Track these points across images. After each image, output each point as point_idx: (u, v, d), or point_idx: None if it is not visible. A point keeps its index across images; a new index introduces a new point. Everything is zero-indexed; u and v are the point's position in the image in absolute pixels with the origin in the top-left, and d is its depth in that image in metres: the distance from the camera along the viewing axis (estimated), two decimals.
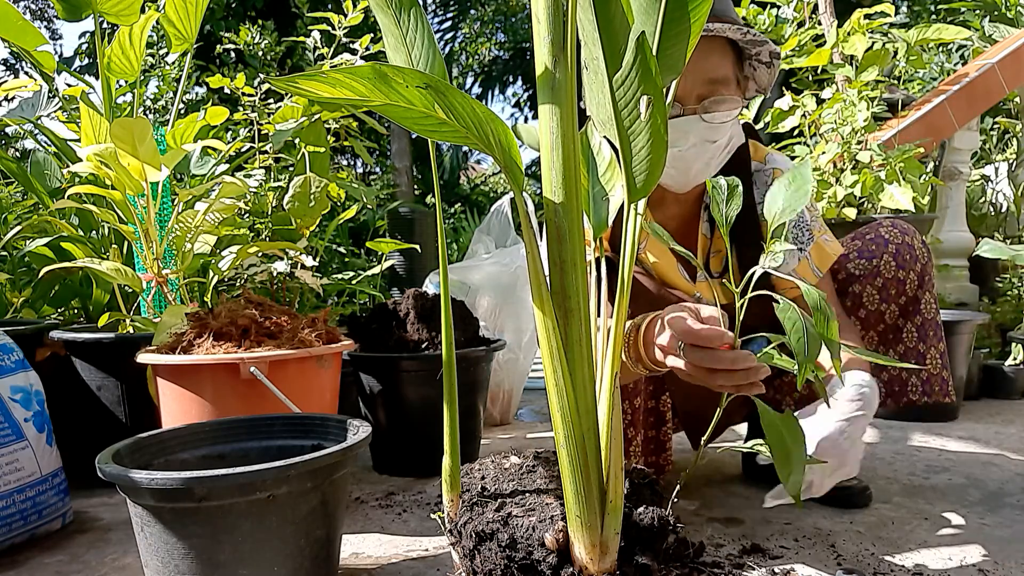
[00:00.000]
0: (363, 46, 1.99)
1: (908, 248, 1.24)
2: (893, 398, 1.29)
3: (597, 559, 0.69)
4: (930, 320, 1.27)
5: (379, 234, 3.67)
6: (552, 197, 0.67)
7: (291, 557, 0.87)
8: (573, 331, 0.68)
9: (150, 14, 1.61)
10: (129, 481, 0.81)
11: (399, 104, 0.62)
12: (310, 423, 1.08)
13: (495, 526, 0.74)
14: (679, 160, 1.16)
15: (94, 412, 1.47)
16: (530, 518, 0.74)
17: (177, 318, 1.27)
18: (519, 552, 0.72)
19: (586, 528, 0.69)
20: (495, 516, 0.75)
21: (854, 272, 1.26)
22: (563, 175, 0.66)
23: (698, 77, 1.13)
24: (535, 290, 0.68)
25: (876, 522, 1.20)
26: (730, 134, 1.18)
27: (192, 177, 1.94)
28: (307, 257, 1.66)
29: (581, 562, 0.69)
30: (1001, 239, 2.92)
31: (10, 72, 10.11)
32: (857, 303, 1.26)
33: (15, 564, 1.11)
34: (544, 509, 0.76)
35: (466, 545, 0.77)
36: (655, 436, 1.31)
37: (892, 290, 1.24)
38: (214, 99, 3.80)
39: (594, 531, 0.69)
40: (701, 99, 1.14)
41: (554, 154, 0.66)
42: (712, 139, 1.15)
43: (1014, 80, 2.70)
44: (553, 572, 0.70)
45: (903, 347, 1.28)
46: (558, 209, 0.67)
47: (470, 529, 0.76)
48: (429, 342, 1.57)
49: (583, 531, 0.69)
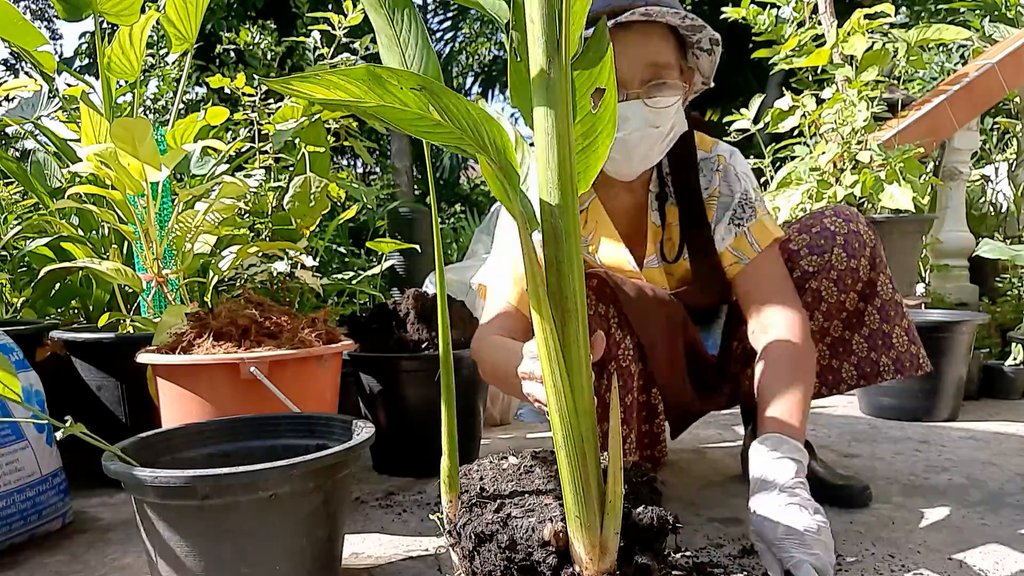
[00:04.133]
0: (363, 46, 1.99)
1: (855, 235, 1.25)
2: (867, 379, 1.29)
3: (597, 559, 0.69)
4: (889, 300, 1.27)
5: (379, 234, 3.67)
6: (548, 198, 0.67)
7: (293, 556, 0.87)
8: (570, 332, 0.68)
9: (150, 14, 1.61)
10: (133, 479, 0.81)
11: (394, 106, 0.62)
12: (315, 423, 1.09)
13: (494, 527, 0.74)
14: (621, 145, 1.17)
15: (94, 412, 1.47)
16: (529, 519, 0.74)
17: (177, 318, 1.27)
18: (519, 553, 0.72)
19: (585, 529, 0.69)
20: (494, 517, 0.75)
21: (808, 269, 1.26)
22: (559, 175, 0.66)
23: (640, 61, 1.15)
24: (532, 291, 0.68)
25: (876, 522, 1.20)
26: (673, 121, 1.19)
27: (192, 177, 1.94)
28: (307, 257, 1.66)
29: (581, 562, 0.69)
30: (1001, 239, 2.92)
31: (10, 72, 10.11)
32: (817, 298, 1.26)
33: (15, 564, 1.11)
34: (543, 510, 0.76)
35: (465, 546, 0.76)
36: (649, 429, 1.31)
37: (848, 279, 1.25)
38: (214, 99, 3.80)
39: (593, 532, 0.69)
40: (644, 83, 1.16)
41: (550, 153, 0.66)
42: (655, 124, 1.17)
43: (1014, 80, 2.70)
44: (553, 572, 0.70)
45: (867, 330, 1.28)
46: (554, 210, 0.67)
47: (469, 530, 0.76)
48: (429, 342, 1.57)
49: (582, 532, 0.69)
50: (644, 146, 1.18)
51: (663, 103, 1.16)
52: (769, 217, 1.27)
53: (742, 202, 1.26)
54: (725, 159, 1.29)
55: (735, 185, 1.27)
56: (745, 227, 1.25)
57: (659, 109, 1.16)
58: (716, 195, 1.28)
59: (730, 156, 1.30)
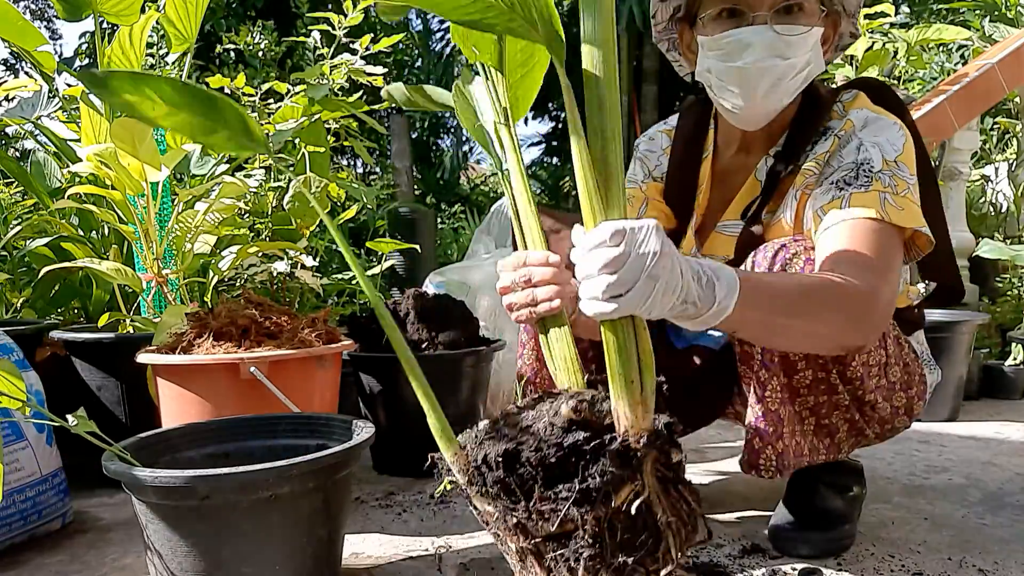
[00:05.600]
0: (363, 46, 1.99)
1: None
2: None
3: (640, 417, 0.68)
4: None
5: (379, 234, 3.67)
6: (593, 70, 0.68)
7: (293, 556, 0.87)
8: (613, 197, 0.69)
9: (150, 14, 1.61)
10: (133, 479, 0.81)
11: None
12: (315, 423, 1.09)
13: (519, 440, 0.68)
14: (741, 77, 1.03)
15: (94, 412, 1.46)
16: (544, 420, 0.70)
17: (177, 318, 1.27)
18: (550, 449, 0.66)
19: (628, 385, 0.68)
20: (513, 433, 0.70)
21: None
22: (603, 45, 0.68)
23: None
24: (580, 161, 0.69)
25: (876, 522, 1.20)
26: (809, 57, 1.03)
27: (192, 177, 1.94)
28: (307, 257, 1.66)
29: (626, 421, 0.68)
30: (1001, 239, 2.92)
31: (10, 72, 10.11)
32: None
33: (15, 564, 1.11)
34: (554, 410, 0.70)
35: (492, 476, 0.68)
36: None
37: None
38: None
39: (635, 389, 0.68)
40: (773, 7, 1.01)
41: (596, 25, 0.68)
42: (784, 55, 1.01)
43: (1014, 80, 2.70)
44: (593, 447, 0.66)
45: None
46: (600, 80, 0.68)
47: (493, 454, 0.68)
48: (429, 342, 1.57)
49: (626, 390, 0.68)
50: (767, 80, 1.02)
51: (795, 31, 1.00)
52: (897, 197, 0.97)
53: (858, 169, 1.01)
54: (854, 125, 1.06)
55: (851, 156, 1.03)
56: (847, 191, 0.99)
57: (790, 38, 1.00)
58: (819, 161, 1.07)
59: (863, 125, 1.05)
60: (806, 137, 1.10)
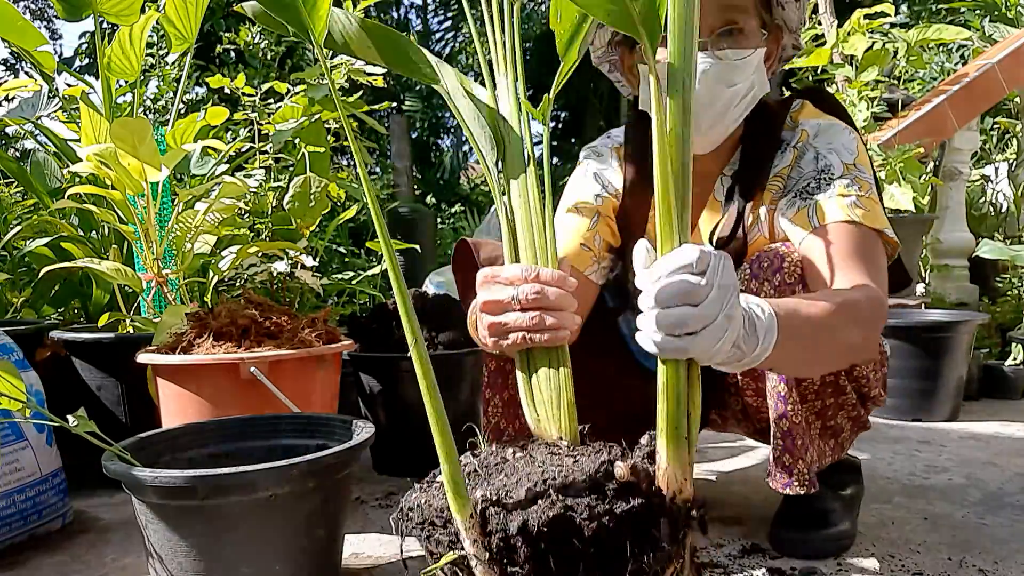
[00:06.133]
0: None
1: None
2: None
3: (688, 480, 0.61)
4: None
5: None
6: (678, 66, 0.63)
7: (293, 556, 0.87)
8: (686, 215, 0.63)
9: (150, 14, 1.61)
10: (133, 479, 0.81)
11: None
12: (315, 423, 1.09)
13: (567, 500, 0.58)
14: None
15: (94, 412, 1.46)
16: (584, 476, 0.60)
17: (177, 318, 1.27)
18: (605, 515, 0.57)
19: (681, 442, 0.61)
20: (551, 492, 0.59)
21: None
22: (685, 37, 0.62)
23: (709, 4, 0.96)
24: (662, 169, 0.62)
25: (876, 522, 1.20)
26: (752, 80, 1.01)
27: (192, 177, 1.94)
28: (307, 257, 1.66)
29: (674, 486, 0.62)
30: (1001, 239, 2.92)
31: (10, 72, 10.10)
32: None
33: (15, 564, 1.11)
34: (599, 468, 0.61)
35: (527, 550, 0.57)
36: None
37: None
38: (214, 99, 3.80)
39: (686, 446, 0.61)
40: (713, 31, 0.97)
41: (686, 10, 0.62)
42: (728, 82, 0.98)
43: (1014, 80, 2.70)
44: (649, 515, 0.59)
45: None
46: (684, 79, 0.62)
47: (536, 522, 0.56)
48: (429, 342, 1.58)
49: (678, 447, 0.61)
50: (712, 113, 1.00)
51: (739, 55, 0.97)
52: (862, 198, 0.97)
53: (819, 177, 1.01)
54: (808, 135, 1.06)
55: (811, 165, 1.03)
56: (811, 201, 0.99)
57: (733, 63, 0.97)
58: (783, 176, 1.06)
59: (816, 134, 1.06)
60: (760, 152, 1.09)
